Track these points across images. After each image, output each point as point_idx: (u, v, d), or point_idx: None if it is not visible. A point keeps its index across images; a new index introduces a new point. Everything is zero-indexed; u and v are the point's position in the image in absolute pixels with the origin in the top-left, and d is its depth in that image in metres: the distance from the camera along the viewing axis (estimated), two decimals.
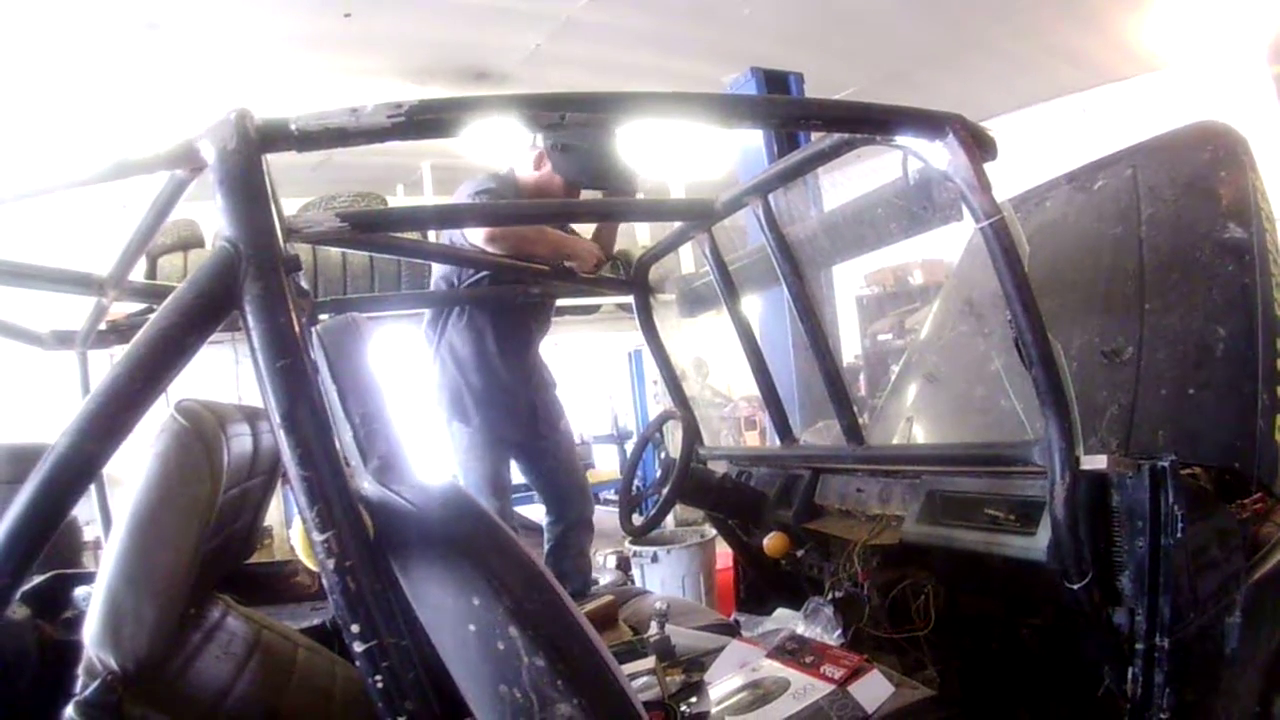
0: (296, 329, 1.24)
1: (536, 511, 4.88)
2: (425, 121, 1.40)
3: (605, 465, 10.75)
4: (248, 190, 1.24)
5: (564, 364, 10.45)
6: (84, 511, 2.19)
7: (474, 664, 1.24)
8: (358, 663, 1.21)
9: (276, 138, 1.29)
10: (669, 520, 6.05)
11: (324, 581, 1.21)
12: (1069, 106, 8.35)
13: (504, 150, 4.65)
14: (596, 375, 11.03)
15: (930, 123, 1.84)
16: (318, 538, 1.19)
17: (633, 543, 5.26)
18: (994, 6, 6.64)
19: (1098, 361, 2.51)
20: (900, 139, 1.92)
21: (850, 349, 9.42)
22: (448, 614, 1.26)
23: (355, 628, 1.19)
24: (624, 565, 5.63)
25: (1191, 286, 2.59)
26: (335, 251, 6.80)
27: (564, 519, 4.29)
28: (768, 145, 5.84)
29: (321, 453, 1.22)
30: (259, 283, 1.21)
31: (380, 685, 1.20)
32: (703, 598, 4.99)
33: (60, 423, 1.17)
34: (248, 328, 1.22)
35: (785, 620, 2.73)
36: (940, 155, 1.84)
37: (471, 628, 1.22)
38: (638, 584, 5.06)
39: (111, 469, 1.31)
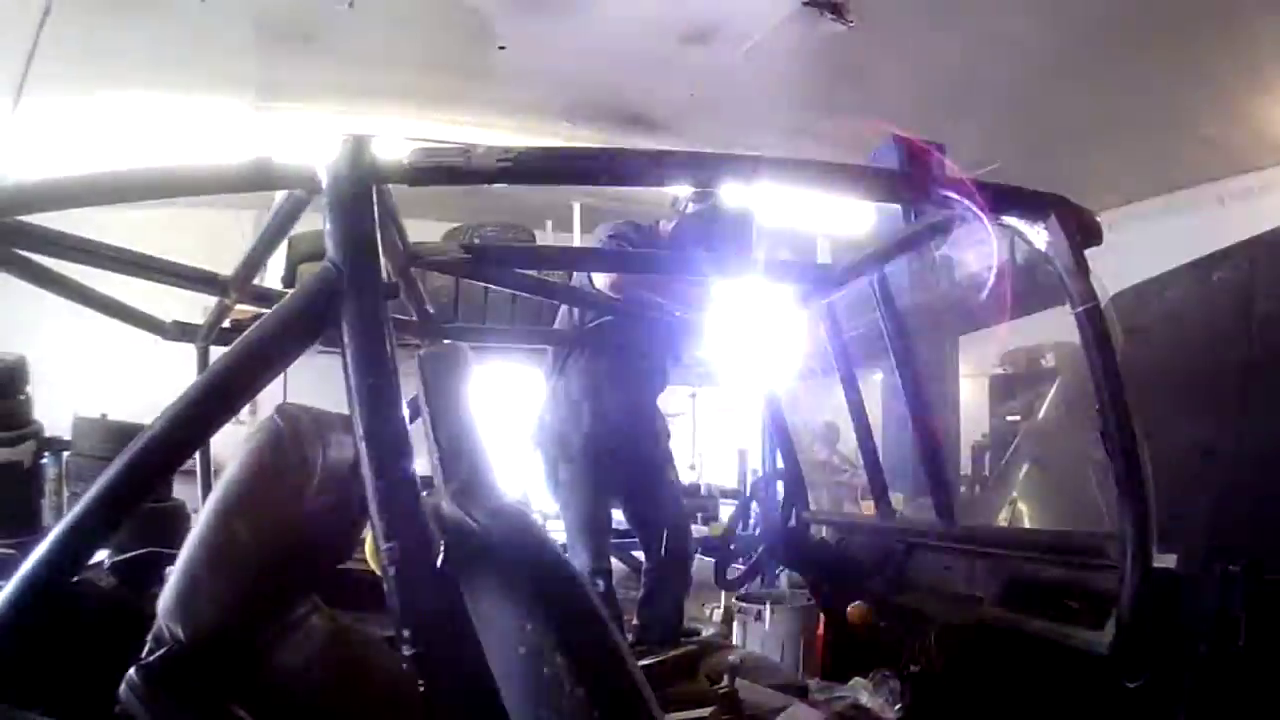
0: (388, 350, 1.33)
1: None
2: (533, 170, 1.48)
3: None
4: (355, 216, 1.33)
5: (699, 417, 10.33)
6: (194, 499, 2.32)
7: (520, 684, 1.28)
8: (405, 666, 1.27)
9: (388, 170, 1.39)
10: (782, 580, 6.04)
11: (384, 587, 1.28)
12: (1206, 195, 8.11)
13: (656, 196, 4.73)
14: (731, 429, 10.91)
15: (1034, 203, 1.85)
16: (383, 545, 1.27)
17: (739, 598, 5.28)
18: (1135, 86, 6.53)
19: (1193, 458, 2.43)
20: (1006, 218, 1.93)
21: (979, 427, 9.21)
22: (501, 633, 1.31)
23: (406, 633, 1.26)
24: (728, 619, 5.61)
25: None
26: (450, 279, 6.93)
27: (660, 567, 4.28)
28: (904, 210, 5.79)
29: (397, 467, 1.30)
30: (356, 304, 1.31)
31: (424, 690, 1.26)
32: (800, 660, 4.93)
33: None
34: (343, 345, 1.31)
35: (857, 689, 2.71)
36: (1042, 237, 1.85)
37: (521, 650, 1.26)
38: (739, 639, 5.04)
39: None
